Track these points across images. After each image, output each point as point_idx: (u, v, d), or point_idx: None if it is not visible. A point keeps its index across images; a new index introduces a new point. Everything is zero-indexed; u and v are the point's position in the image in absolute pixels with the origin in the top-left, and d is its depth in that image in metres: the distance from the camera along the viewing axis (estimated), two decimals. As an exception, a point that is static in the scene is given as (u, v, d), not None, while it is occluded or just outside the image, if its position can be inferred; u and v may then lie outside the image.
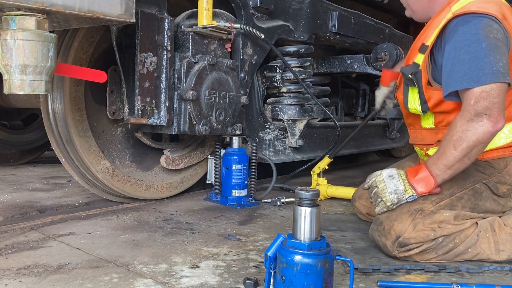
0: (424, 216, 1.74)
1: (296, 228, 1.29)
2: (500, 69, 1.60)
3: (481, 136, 1.61)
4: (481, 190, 1.82)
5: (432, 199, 1.77)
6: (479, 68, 1.62)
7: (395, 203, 1.75)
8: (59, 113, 2.28)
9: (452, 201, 1.79)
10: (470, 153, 1.64)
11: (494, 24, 1.67)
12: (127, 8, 1.65)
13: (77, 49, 2.24)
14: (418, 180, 1.74)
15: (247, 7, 2.64)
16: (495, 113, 1.60)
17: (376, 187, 1.80)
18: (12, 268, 1.58)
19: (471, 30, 1.67)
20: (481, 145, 1.63)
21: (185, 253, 1.79)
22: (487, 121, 1.60)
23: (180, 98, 2.27)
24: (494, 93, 1.60)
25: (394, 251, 1.75)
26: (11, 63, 1.48)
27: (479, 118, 1.61)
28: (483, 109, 1.60)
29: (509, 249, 1.77)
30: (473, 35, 1.66)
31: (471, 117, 1.62)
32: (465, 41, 1.67)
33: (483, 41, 1.63)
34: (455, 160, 1.66)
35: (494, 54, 1.61)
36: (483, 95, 1.60)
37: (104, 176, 2.38)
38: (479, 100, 1.60)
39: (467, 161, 1.66)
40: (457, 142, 1.64)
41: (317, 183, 2.89)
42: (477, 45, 1.64)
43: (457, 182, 1.80)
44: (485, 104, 1.60)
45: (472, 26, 1.67)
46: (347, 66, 3.41)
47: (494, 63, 1.60)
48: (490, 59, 1.61)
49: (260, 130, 2.92)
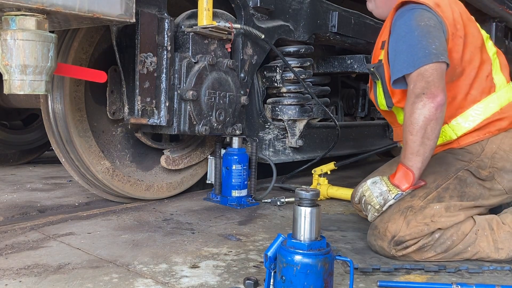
0: (415, 212, 1.76)
1: (296, 228, 1.29)
2: (432, 50, 1.71)
3: (426, 114, 1.67)
4: (465, 177, 1.84)
5: (419, 195, 1.79)
6: (413, 53, 1.73)
7: (383, 204, 1.78)
8: (59, 113, 2.28)
9: (439, 193, 1.80)
10: (426, 133, 1.68)
11: (426, 13, 1.79)
12: (127, 8, 1.65)
13: (77, 49, 2.24)
14: (399, 178, 1.78)
15: (247, 7, 2.64)
16: (432, 89, 1.67)
17: (363, 196, 1.84)
18: (12, 268, 1.58)
19: (405, 22, 1.81)
20: (432, 122, 1.68)
21: (185, 253, 1.79)
22: (426, 99, 1.67)
23: (180, 98, 2.27)
24: (428, 73, 1.69)
25: (392, 250, 1.76)
26: (11, 63, 1.48)
27: (419, 98, 1.69)
28: (421, 89, 1.69)
29: (508, 247, 1.77)
30: (407, 26, 1.79)
31: (413, 100, 1.71)
32: (401, 33, 1.81)
33: (415, 30, 1.76)
34: (417, 145, 1.70)
35: (426, 39, 1.73)
36: (419, 77, 1.71)
37: (104, 176, 2.38)
38: (416, 82, 1.71)
39: (428, 142, 1.70)
40: (410, 127, 1.70)
41: (318, 183, 2.90)
42: (410, 34, 1.77)
43: (440, 174, 1.84)
44: (422, 84, 1.69)
45: (406, 18, 1.81)
46: (347, 66, 3.41)
47: (426, 46, 1.72)
48: (423, 43, 1.73)
49: (260, 130, 2.92)
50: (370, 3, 2.17)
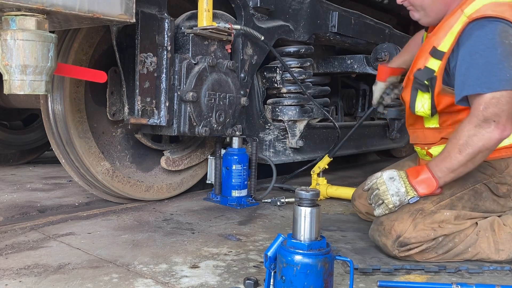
0: (424, 216, 1.74)
1: (296, 228, 1.29)
2: None
3: (487, 142, 1.61)
4: (481, 190, 1.83)
5: (432, 199, 1.77)
6: (492, 74, 1.60)
7: (397, 205, 1.75)
8: (59, 114, 2.28)
9: (453, 201, 1.79)
10: (475, 158, 1.64)
11: (510, 30, 1.65)
12: (127, 8, 1.65)
13: (77, 50, 2.24)
14: (420, 182, 1.73)
15: (247, 7, 2.64)
16: (503, 120, 1.59)
17: (377, 189, 1.79)
18: (12, 268, 1.59)
19: (487, 35, 1.65)
20: (487, 151, 1.63)
21: (185, 253, 1.79)
22: (495, 128, 1.59)
23: (180, 99, 2.27)
24: (504, 100, 1.59)
25: (395, 250, 1.75)
26: (11, 63, 1.48)
27: (487, 124, 1.60)
28: (492, 116, 1.59)
29: (509, 249, 1.77)
30: (488, 40, 1.64)
31: (479, 123, 1.61)
32: (480, 46, 1.65)
33: (498, 46, 1.61)
34: (459, 164, 1.66)
35: (508, 61, 1.60)
36: (493, 101, 1.59)
37: (104, 177, 2.38)
38: (489, 106, 1.59)
39: (470, 166, 1.67)
40: (462, 147, 1.63)
41: (317, 183, 2.90)
42: (491, 50, 1.62)
43: (458, 182, 1.80)
44: (494, 110, 1.59)
45: (487, 31, 1.65)
46: (347, 66, 3.42)
47: (508, 69, 1.59)
48: (504, 65, 1.59)
49: (260, 131, 2.92)
50: (418, 13, 1.93)
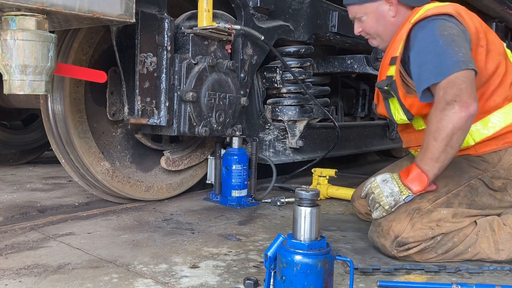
0: (421, 215, 1.75)
1: (296, 228, 1.29)
2: (460, 58, 1.66)
3: (456, 122, 1.63)
4: (477, 185, 1.83)
5: (428, 198, 1.78)
6: (440, 62, 1.69)
7: (393, 205, 1.75)
8: (59, 114, 2.28)
9: (449, 199, 1.79)
10: (451, 141, 1.65)
11: (447, 23, 1.76)
12: (127, 8, 1.65)
13: (77, 50, 2.24)
14: (412, 180, 1.75)
15: (247, 7, 2.64)
16: (465, 97, 1.63)
17: (372, 193, 1.81)
18: (12, 268, 1.59)
19: (427, 33, 1.76)
20: (459, 132, 1.65)
21: (185, 253, 1.79)
22: (459, 107, 1.63)
23: (180, 99, 2.27)
24: (459, 80, 1.64)
25: (393, 251, 1.75)
26: (11, 63, 1.48)
27: (450, 105, 1.64)
28: (452, 97, 1.64)
29: (509, 249, 1.77)
30: (429, 37, 1.75)
31: (443, 107, 1.66)
32: (424, 44, 1.76)
33: (439, 39, 1.72)
34: (439, 151, 1.67)
35: (451, 47, 1.69)
36: (450, 84, 1.65)
37: (104, 177, 2.38)
38: (447, 89, 1.66)
39: (450, 150, 1.67)
40: (436, 133, 1.67)
41: (318, 183, 2.90)
42: (435, 44, 1.72)
43: (453, 179, 1.81)
44: (453, 91, 1.64)
45: (427, 29, 1.77)
46: (347, 66, 3.41)
47: (453, 55, 1.67)
48: (449, 52, 1.68)
49: (260, 131, 2.92)
50: (375, 40, 2.09)
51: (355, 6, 2.05)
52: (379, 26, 2.02)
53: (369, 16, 2.02)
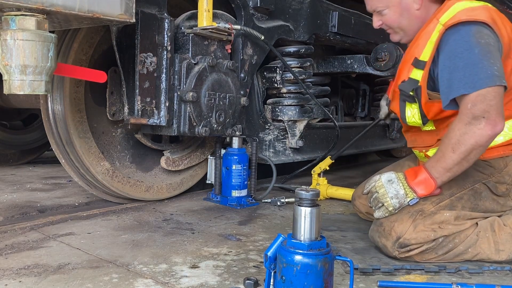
0: (424, 217, 1.74)
1: (296, 228, 1.29)
2: (495, 72, 1.61)
3: (479, 139, 1.61)
4: (481, 190, 1.82)
5: (432, 200, 1.77)
6: (474, 73, 1.62)
7: (397, 207, 1.75)
8: (59, 114, 2.28)
9: (452, 202, 1.79)
10: (469, 156, 1.63)
11: (484, 30, 1.68)
12: (127, 8, 1.65)
13: (77, 51, 2.24)
14: (418, 183, 1.73)
15: (247, 7, 2.64)
16: (493, 115, 1.59)
17: (376, 192, 1.79)
18: (12, 268, 1.59)
19: (463, 38, 1.68)
20: (480, 148, 1.63)
21: (185, 253, 1.79)
22: (485, 124, 1.59)
23: (180, 99, 2.27)
24: (490, 96, 1.60)
25: (395, 252, 1.75)
26: (11, 63, 1.48)
27: (477, 121, 1.60)
28: (481, 112, 1.60)
29: (509, 249, 1.77)
30: (465, 43, 1.67)
31: (469, 121, 1.61)
32: (458, 49, 1.68)
33: (475, 47, 1.65)
34: (454, 163, 1.66)
35: (487, 59, 1.62)
36: (480, 98, 1.60)
37: (104, 177, 2.38)
38: (476, 103, 1.60)
39: (465, 164, 1.66)
40: (455, 145, 1.64)
41: (317, 183, 2.90)
42: (470, 52, 1.65)
43: (457, 182, 1.80)
44: (482, 107, 1.60)
45: (463, 34, 1.68)
46: (347, 66, 3.41)
47: (488, 67, 1.61)
48: (484, 63, 1.62)
49: (260, 131, 2.92)
50: (397, 34, 2.00)
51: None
52: (403, 19, 1.92)
53: (392, 9, 1.92)
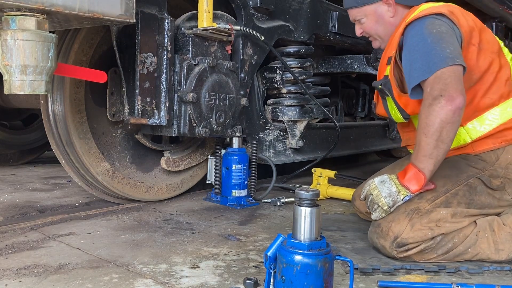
0: (420, 215, 1.75)
1: (296, 228, 1.29)
2: (447, 54, 1.68)
3: (443, 116, 1.64)
4: (475, 184, 1.83)
5: (427, 198, 1.78)
6: (429, 60, 1.71)
7: (391, 205, 1.76)
8: (59, 115, 2.28)
9: (448, 198, 1.79)
10: (441, 136, 1.65)
11: (437, 21, 1.79)
12: (127, 8, 1.65)
13: (77, 51, 2.24)
14: (409, 179, 1.75)
15: (247, 7, 2.64)
16: (450, 91, 1.64)
17: (371, 195, 1.81)
18: (12, 268, 1.59)
19: (417, 32, 1.80)
20: (448, 125, 1.65)
21: (185, 253, 1.79)
22: (444, 101, 1.64)
23: (180, 100, 2.27)
24: (445, 75, 1.66)
25: (393, 251, 1.75)
26: (11, 63, 1.48)
27: (436, 100, 1.66)
28: (438, 92, 1.66)
29: (509, 249, 1.77)
30: (419, 36, 1.78)
31: (430, 102, 1.67)
32: (414, 42, 1.79)
33: (428, 37, 1.75)
34: (431, 148, 1.67)
35: (439, 44, 1.72)
36: (436, 80, 1.68)
37: (104, 178, 2.38)
38: (433, 85, 1.68)
39: (442, 146, 1.67)
40: (425, 129, 1.68)
41: (318, 183, 2.90)
42: (423, 43, 1.76)
43: (451, 178, 1.82)
44: (439, 86, 1.66)
45: (417, 28, 1.80)
46: (347, 66, 3.41)
47: (440, 51, 1.70)
48: (437, 49, 1.71)
49: (260, 131, 2.92)
50: (377, 41, 2.13)
51: (355, 9, 2.10)
52: (379, 27, 2.06)
53: (369, 18, 2.07)
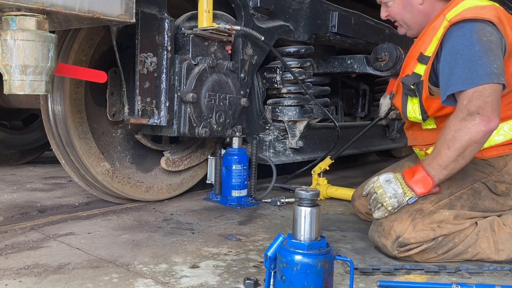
0: (423, 216, 1.74)
1: (296, 228, 1.29)
2: (494, 70, 1.61)
3: (474, 135, 1.60)
4: (480, 189, 1.82)
5: (431, 199, 1.77)
6: (472, 70, 1.63)
7: (396, 207, 1.75)
8: (59, 115, 2.28)
9: (451, 201, 1.79)
10: (464, 153, 1.63)
11: (487, 27, 1.69)
12: (127, 8, 1.65)
13: (77, 51, 2.24)
14: (416, 182, 1.74)
15: (247, 7, 2.64)
16: (488, 112, 1.59)
17: (374, 193, 1.80)
18: (12, 268, 1.59)
19: (464, 35, 1.69)
20: (475, 145, 1.62)
21: (185, 253, 1.79)
22: (480, 120, 1.59)
23: (180, 100, 2.27)
24: (486, 92, 1.60)
25: (394, 251, 1.75)
26: (11, 64, 1.48)
27: (471, 117, 1.61)
28: (476, 108, 1.60)
29: (509, 249, 1.77)
30: (466, 39, 1.68)
31: (464, 117, 1.62)
32: (459, 45, 1.69)
33: (476, 43, 1.65)
34: (450, 160, 1.65)
35: (487, 56, 1.63)
36: (476, 95, 1.61)
37: (104, 178, 2.38)
38: (472, 99, 1.61)
39: (461, 161, 1.66)
40: (450, 142, 1.64)
41: (317, 183, 2.90)
42: (470, 48, 1.66)
43: (456, 181, 1.80)
44: (478, 103, 1.60)
45: (465, 31, 1.69)
46: (347, 66, 3.41)
47: (487, 64, 1.62)
48: (484, 60, 1.62)
49: (260, 131, 2.92)
50: (402, 27, 2.04)
51: None
52: (406, 13, 1.96)
53: (396, 2, 1.97)
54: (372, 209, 1.83)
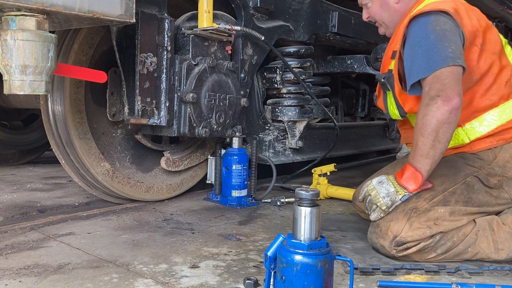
0: (419, 214, 1.75)
1: (296, 228, 1.29)
2: (449, 54, 1.68)
3: (439, 117, 1.64)
4: (473, 183, 1.83)
5: (425, 197, 1.78)
6: (430, 58, 1.71)
7: (390, 205, 1.76)
8: (59, 115, 2.28)
9: (445, 197, 1.80)
10: (438, 136, 1.66)
11: (441, 18, 1.77)
12: (127, 8, 1.66)
13: (77, 51, 2.24)
14: (407, 179, 1.76)
15: (247, 7, 2.65)
16: (448, 92, 1.64)
17: (369, 196, 1.82)
18: (12, 268, 1.59)
19: (420, 28, 1.78)
20: (445, 126, 1.65)
21: (185, 253, 1.79)
22: (441, 101, 1.64)
23: (180, 100, 2.27)
24: (443, 75, 1.66)
25: (392, 251, 1.75)
26: (11, 64, 1.48)
27: (433, 101, 1.66)
28: (436, 92, 1.66)
29: (508, 248, 1.77)
30: (422, 31, 1.77)
31: (427, 102, 1.68)
32: (417, 38, 1.78)
33: (431, 33, 1.74)
34: (428, 147, 1.68)
35: (442, 43, 1.70)
36: (434, 80, 1.68)
37: (104, 178, 2.38)
38: (432, 84, 1.68)
39: (439, 146, 1.67)
40: (422, 129, 1.68)
41: (318, 183, 2.90)
42: (426, 39, 1.74)
43: (448, 177, 1.82)
44: (437, 86, 1.66)
45: (421, 24, 1.78)
46: (347, 66, 3.42)
47: (442, 50, 1.69)
48: (439, 47, 1.70)
49: (260, 131, 2.93)
50: (381, 27, 2.14)
51: None
52: (384, 12, 2.05)
53: (374, 2, 2.06)
54: (368, 213, 1.85)
